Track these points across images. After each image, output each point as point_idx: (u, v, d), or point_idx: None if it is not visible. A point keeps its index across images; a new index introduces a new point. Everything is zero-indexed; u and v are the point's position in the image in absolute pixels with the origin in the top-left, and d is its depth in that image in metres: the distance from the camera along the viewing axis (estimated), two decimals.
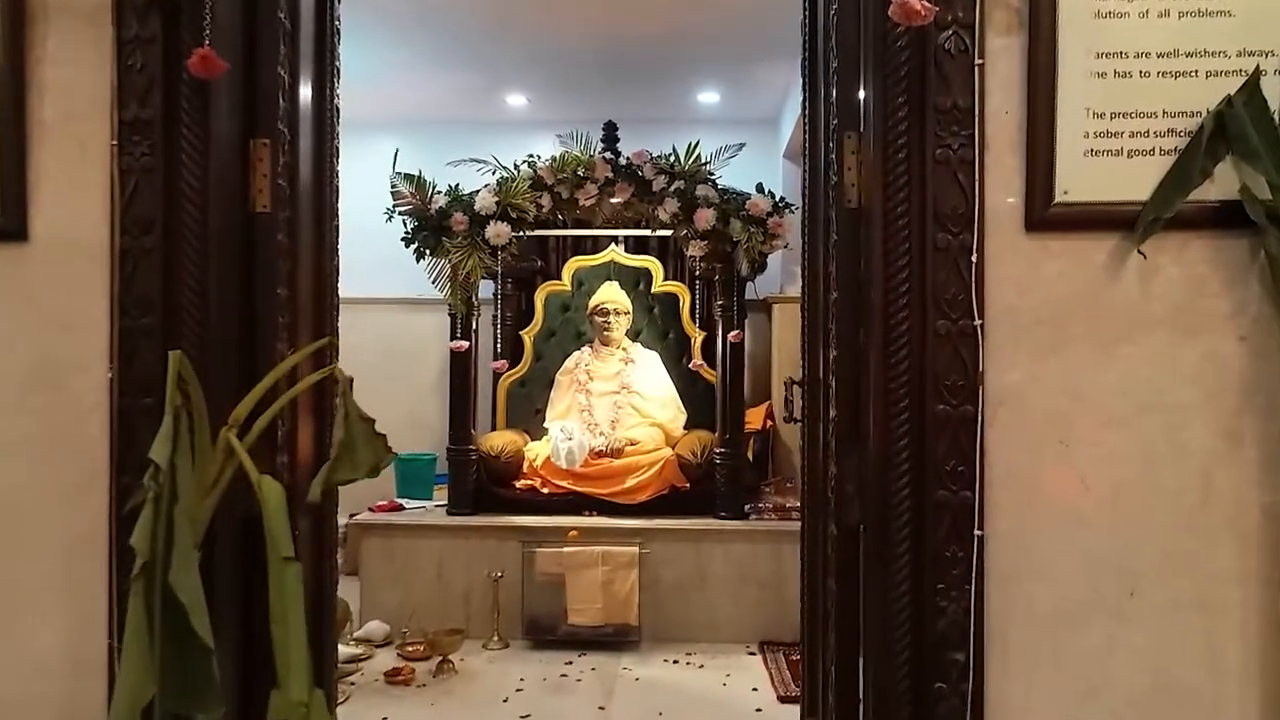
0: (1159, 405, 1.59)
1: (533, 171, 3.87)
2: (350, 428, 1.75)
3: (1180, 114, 1.58)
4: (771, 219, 3.73)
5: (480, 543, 3.88)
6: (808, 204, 2.22)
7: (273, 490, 1.60)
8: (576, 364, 4.51)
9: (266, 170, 1.91)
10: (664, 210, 3.80)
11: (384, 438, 1.80)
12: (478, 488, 4.02)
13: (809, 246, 2.27)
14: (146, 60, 1.68)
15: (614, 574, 3.72)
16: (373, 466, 1.80)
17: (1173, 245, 1.59)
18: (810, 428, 2.29)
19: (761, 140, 4.87)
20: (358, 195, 4.52)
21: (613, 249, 4.77)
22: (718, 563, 3.84)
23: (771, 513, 3.92)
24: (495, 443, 4.10)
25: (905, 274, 1.65)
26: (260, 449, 1.86)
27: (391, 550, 3.91)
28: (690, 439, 4.15)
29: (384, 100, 4.84)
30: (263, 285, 1.92)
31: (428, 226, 3.79)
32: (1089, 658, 1.60)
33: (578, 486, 4.00)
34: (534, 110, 4.91)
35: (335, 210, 2.43)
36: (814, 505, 2.22)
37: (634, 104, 4.56)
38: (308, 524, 2.25)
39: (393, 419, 5.03)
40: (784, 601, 3.79)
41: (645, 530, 3.85)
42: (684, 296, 4.74)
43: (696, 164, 3.84)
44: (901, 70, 1.62)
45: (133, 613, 1.44)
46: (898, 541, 1.66)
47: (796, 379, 2.43)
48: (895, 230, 1.66)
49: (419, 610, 3.80)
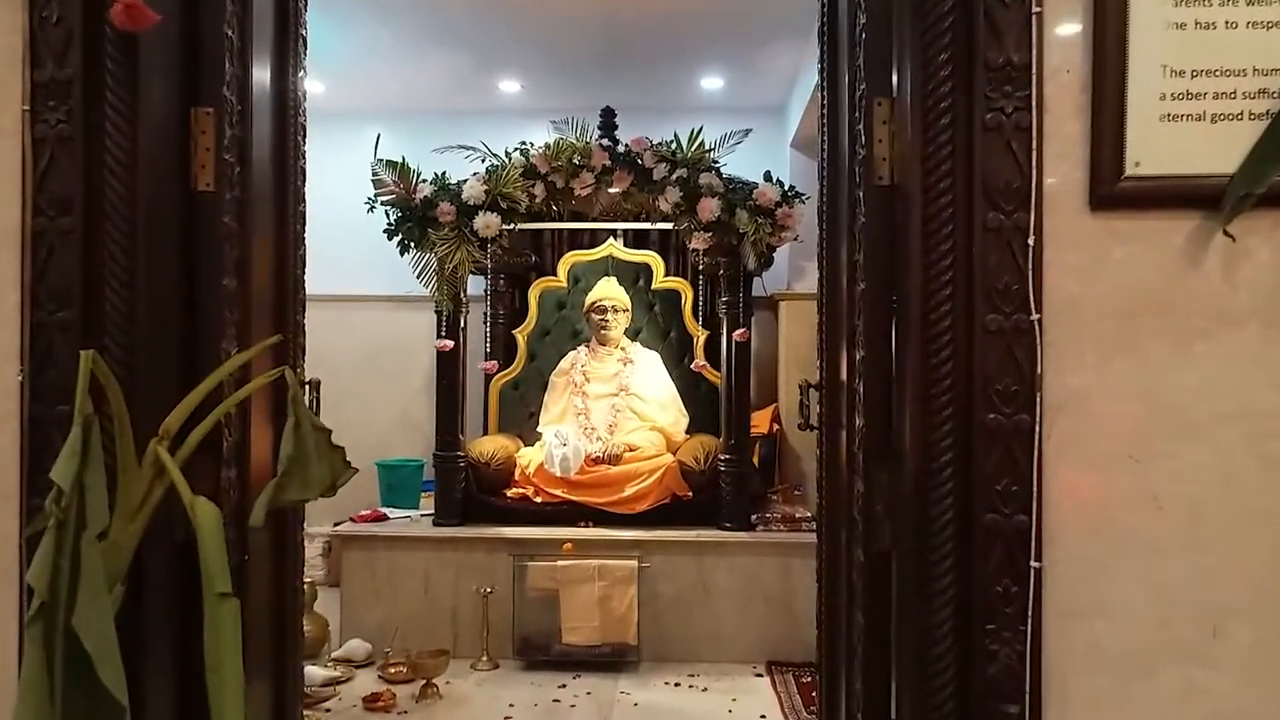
0: (1245, 412, 1.36)
1: (525, 159, 3.64)
2: (301, 440, 1.51)
3: (1274, 71, 1.34)
4: (780, 209, 3.50)
5: (469, 555, 3.65)
6: (827, 183, 1.99)
7: (208, 514, 1.37)
8: (572, 365, 4.27)
9: (210, 143, 1.68)
10: (665, 200, 3.57)
11: (341, 451, 1.57)
12: (466, 497, 3.79)
13: (828, 233, 2.03)
14: (64, 10, 1.45)
15: (611, 589, 3.49)
16: (328, 485, 1.58)
17: (1264, 225, 1.36)
18: (829, 437, 2.06)
19: (767, 129, 4.64)
20: (341, 188, 4.32)
21: (611, 243, 4.54)
22: (722, 577, 3.61)
23: (780, 523, 3.68)
24: (485, 449, 3.87)
25: (949, 260, 1.43)
26: (200, 464, 1.63)
27: (374, 563, 3.67)
28: (693, 444, 3.91)
29: (368, 88, 4.61)
30: (206, 275, 1.69)
31: (412, 217, 3.56)
32: (1163, 708, 1.37)
33: (573, 495, 3.77)
34: (528, 97, 4.68)
35: (300, 194, 2.19)
36: (833, 525, 1.98)
37: (633, 91, 4.32)
38: (267, 538, 2.02)
39: (381, 422, 4.83)
40: (794, 618, 3.57)
41: (645, 542, 3.61)
42: (686, 293, 4.50)
43: (700, 151, 3.61)
44: (945, 22, 1.40)
45: (29, 660, 1.21)
46: (939, 574, 1.43)
47: (812, 381, 2.19)
48: (937, 209, 1.43)
49: (403, 628, 3.57)
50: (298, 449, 1.53)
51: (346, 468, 1.58)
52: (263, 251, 1.92)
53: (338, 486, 1.57)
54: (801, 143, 4.51)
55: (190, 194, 1.67)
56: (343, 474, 1.58)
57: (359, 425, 4.96)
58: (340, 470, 1.58)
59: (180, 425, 1.45)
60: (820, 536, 2.08)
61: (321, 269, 5.04)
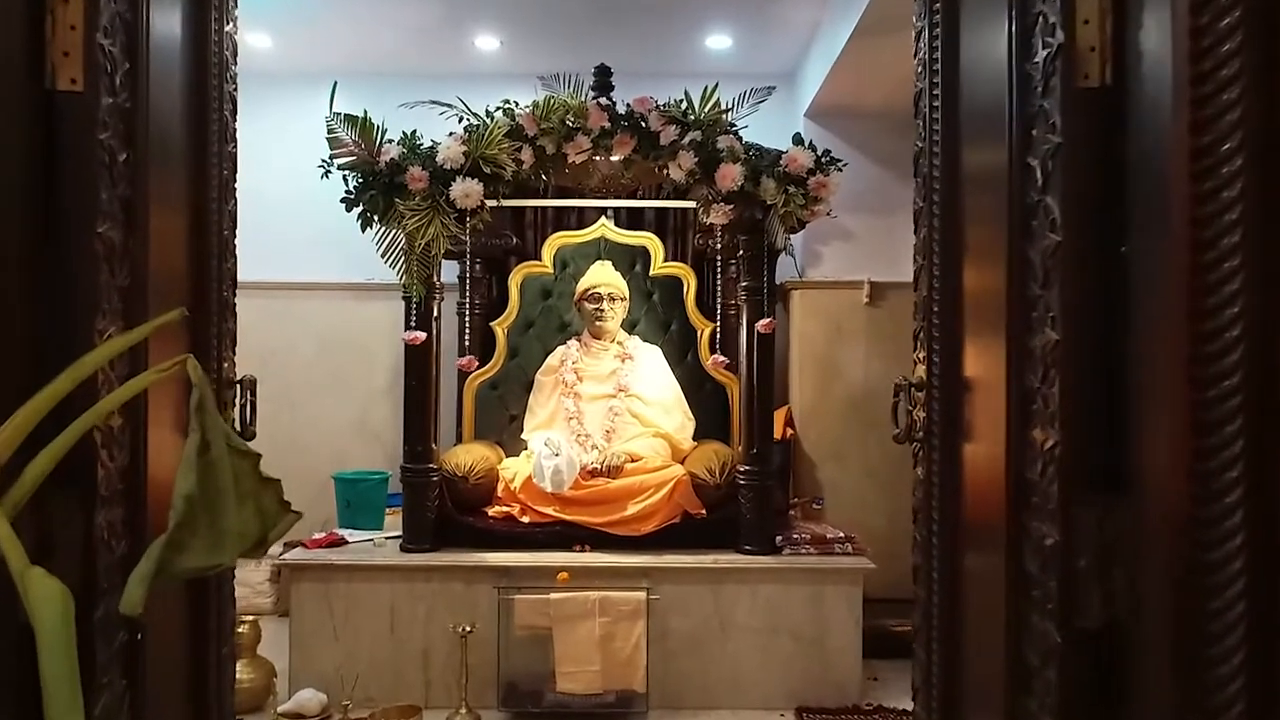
0: None
1: (511, 121, 3.09)
2: (210, 470, 0.96)
3: None
4: (814, 178, 2.99)
5: (443, 587, 3.08)
6: (932, 88, 1.49)
7: (48, 598, 0.84)
8: (562, 361, 3.73)
9: (77, 20, 1.14)
10: (678, 167, 3.03)
11: (276, 487, 1.02)
12: (440, 517, 3.22)
13: (944, 165, 1.52)
14: None
15: (614, 626, 2.95)
16: (254, 541, 1.02)
17: None
18: (944, 452, 1.55)
19: (777, 97, 4.10)
20: (295, 161, 3.74)
21: (603, 223, 4.00)
22: (744, 610, 3.09)
23: (809, 545, 3.17)
24: (462, 460, 3.30)
25: (1235, 207, 0.92)
26: (59, 504, 1.08)
27: (330, 597, 3.09)
28: (705, 453, 3.38)
29: (324, 46, 4.01)
30: (74, 216, 1.14)
31: (376, 184, 2.98)
32: None
33: (566, 514, 3.22)
34: (508, 57, 4.11)
35: (228, 133, 1.65)
36: (952, 578, 1.48)
37: (630, 51, 3.77)
38: (181, 597, 1.49)
39: (337, 429, 4.20)
40: (826, 657, 3.07)
41: (653, 569, 3.08)
42: (689, 280, 3.97)
43: (715, 111, 3.09)
44: None
45: None
46: (1224, 678, 0.93)
47: (908, 380, 1.68)
48: (1215, 123, 0.92)
49: (364, 675, 3.00)
50: (204, 485, 0.97)
51: (283, 512, 1.03)
52: (167, 188, 1.36)
53: (267, 542, 1.02)
54: (819, 112, 4.00)
55: (46, 96, 1.13)
56: (277, 522, 1.02)
57: (314, 432, 4.39)
58: (274, 517, 1.03)
59: (19, 443, 0.91)
60: (927, 595, 1.58)
61: (271, 253, 4.43)
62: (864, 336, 4.10)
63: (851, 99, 3.88)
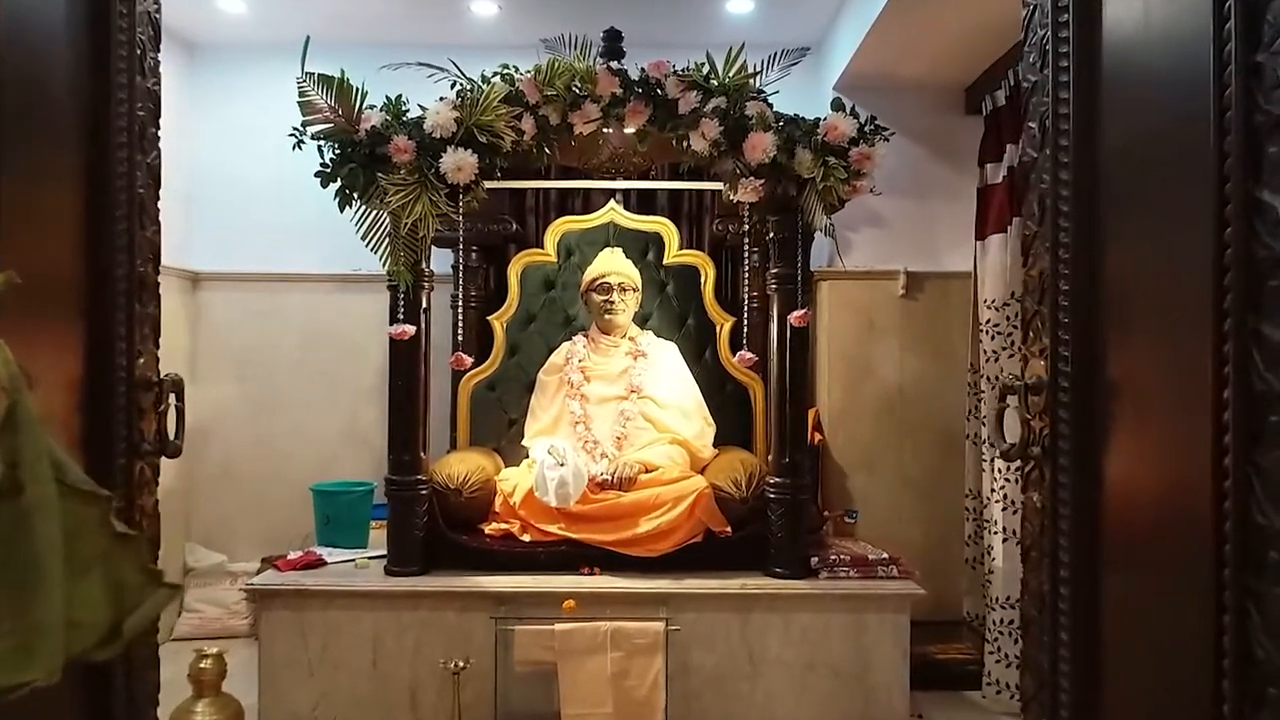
0: None
1: (510, 86, 2.72)
2: (22, 529, 0.58)
3: None
4: (856, 149, 2.62)
5: (434, 616, 2.72)
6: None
7: None
8: (567, 359, 3.36)
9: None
10: (700, 137, 2.66)
11: (137, 547, 0.65)
12: (430, 535, 2.85)
13: (1077, 117, 1.16)
14: None
15: (629, 662, 2.59)
16: (103, 633, 0.65)
17: None
18: (1077, 466, 1.18)
19: (800, 69, 3.72)
20: (274, 141, 3.29)
21: (612, 206, 3.63)
22: (775, 641, 2.72)
23: (849, 567, 2.80)
24: (455, 470, 2.93)
25: None
26: None
27: (305, 627, 2.72)
28: (729, 462, 3.01)
29: (305, 10, 3.64)
30: None
31: (355, 155, 2.61)
32: None
33: (573, 532, 2.85)
34: (507, 24, 3.74)
35: (139, 41, 1.28)
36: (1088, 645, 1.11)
37: (642, 17, 3.41)
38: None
39: (322, 434, 3.80)
40: (869, 694, 2.71)
41: (671, 596, 2.71)
42: (707, 270, 3.60)
43: (741, 75, 2.72)
44: None
45: None
46: None
47: (1021, 379, 1.32)
48: None
49: (343, 714, 2.63)
50: (11, 548, 0.60)
51: (149, 586, 0.66)
52: (43, 159, 1.01)
53: (128, 633, 0.66)
54: (850, 84, 3.62)
55: None
56: (140, 601, 0.66)
57: (297, 437, 4.02)
58: (135, 593, 0.66)
59: None
60: (1078, 684, 1.21)
61: (249, 241, 4.05)
62: (899, 332, 3.74)
63: (887, 70, 3.52)
